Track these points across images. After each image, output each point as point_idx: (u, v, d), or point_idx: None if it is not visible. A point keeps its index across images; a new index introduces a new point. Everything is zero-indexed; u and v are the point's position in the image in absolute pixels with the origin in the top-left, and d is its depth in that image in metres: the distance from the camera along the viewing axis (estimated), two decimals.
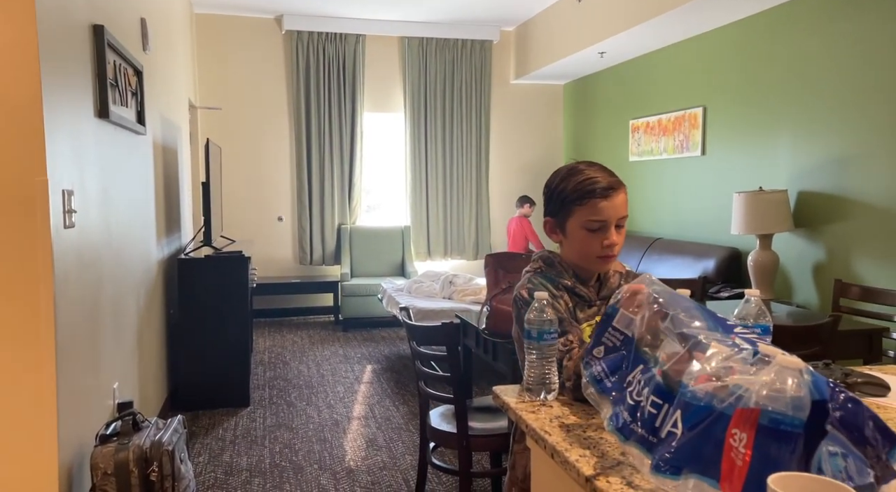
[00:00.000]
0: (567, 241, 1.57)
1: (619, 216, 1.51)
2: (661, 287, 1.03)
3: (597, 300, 1.58)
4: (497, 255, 2.61)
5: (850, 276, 3.76)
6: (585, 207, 1.50)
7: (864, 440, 0.74)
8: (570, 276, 1.57)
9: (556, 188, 1.56)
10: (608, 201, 1.49)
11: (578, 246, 1.54)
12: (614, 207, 1.49)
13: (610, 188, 1.50)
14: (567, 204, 1.52)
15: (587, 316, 1.55)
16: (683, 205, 5.30)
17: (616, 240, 1.52)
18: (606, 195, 1.49)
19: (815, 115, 4.00)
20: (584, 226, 1.51)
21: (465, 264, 7.20)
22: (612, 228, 1.51)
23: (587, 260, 1.55)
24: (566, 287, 1.55)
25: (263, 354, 5.43)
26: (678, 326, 0.94)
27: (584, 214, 1.50)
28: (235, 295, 4.02)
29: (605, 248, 1.51)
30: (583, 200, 1.50)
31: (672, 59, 5.41)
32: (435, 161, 6.97)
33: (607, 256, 1.53)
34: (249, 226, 6.73)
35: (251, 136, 6.69)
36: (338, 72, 6.68)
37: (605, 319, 1.10)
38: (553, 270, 1.59)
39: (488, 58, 7.02)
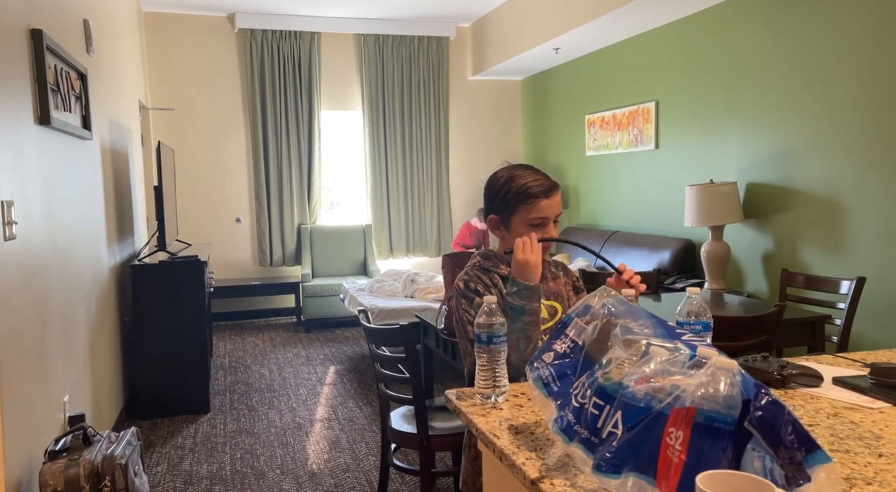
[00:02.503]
0: (510, 235, 1.69)
1: (557, 212, 1.67)
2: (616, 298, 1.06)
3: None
4: (454, 255, 2.62)
5: (796, 265, 3.88)
6: (529, 206, 1.63)
7: (778, 441, 0.77)
8: (505, 266, 1.70)
9: (500, 189, 1.69)
10: (549, 200, 1.64)
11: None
12: (554, 205, 1.65)
13: (551, 189, 1.65)
14: (512, 203, 1.65)
15: None
16: (639, 198, 5.40)
17: (554, 234, 1.67)
18: (548, 195, 1.64)
19: (762, 109, 4.10)
20: (527, 222, 1.64)
21: (428, 262, 7.20)
22: (550, 223, 1.66)
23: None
24: (504, 276, 1.69)
25: (224, 358, 5.35)
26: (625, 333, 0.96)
27: (529, 211, 1.63)
28: (192, 300, 3.95)
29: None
30: (527, 199, 1.63)
31: (625, 55, 5.49)
32: (395, 158, 6.95)
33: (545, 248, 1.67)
34: (207, 228, 6.62)
35: (206, 136, 6.56)
36: (293, 70, 6.60)
37: (560, 328, 1.11)
38: (490, 262, 1.72)
39: (445, 54, 7.02)
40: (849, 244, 3.54)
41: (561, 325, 1.12)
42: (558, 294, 1.74)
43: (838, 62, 3.57)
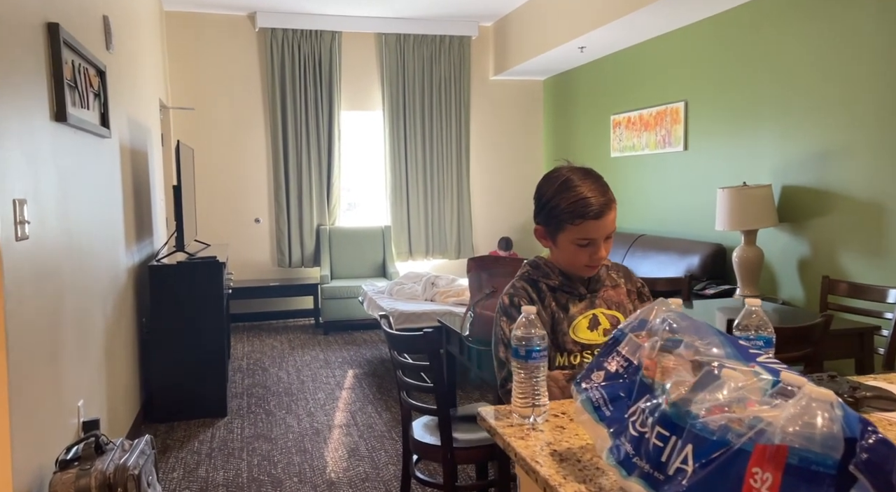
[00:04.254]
0: (557, 250, 1.59)
1: (609, 232, 1.54)
2: (676, 312, 0.94)
3: (587, 293, 1.60)
4: (479, 259, 2.51)
5: (835, 271, 3.71)
6: (578, 227, 1.51)
7: (889, 488, 0.65)
8: (556, 276, 1.59)
9: (548, 202, 1.56)
10: (600, 222, 1.50)
11: (567, 257, 1.57)
12: (604, 226, 1.52)
13: (603, 209, 1.50)
14: (560, 221, 1.53)
15: (580, 309, 1.58)
16: (666, 201, 5.25)
17: (604, 254, 1.54)
18: (599, 216, 1.50)
19: (798, 109, 3.95)
20: (574, 242, 1.53)
21: (447, 264, 7.10)
22: (599, 243, 1.53)
23: (575, 269, 1.59)
24: (553, 287, 1.58)
25: (242, 360, 5.28)
26: (691, 353, 0.84)
27: (576, 232, 1.51)
28: (210, 301, 3.89)
29: (593, 259, 1.54)
30: (575, 220, 1.51)
31: (653, 53, 5.34)
32: (415, 159, 6.85)
33: (594, 266, 1.56)
34: (226, 229, 6.57)
35: (226, 136, 6.52)
36: (314, 70, 6.54)
37: (611, 344, 1.00)
38: (539, 272, 1.61)
39: (467, 54, 6.92)
40: (893, 250, 3.38)
41: (613, 341, 1.01)
42: (619, 304, 1.62)
43: (878, 59, 3.41)
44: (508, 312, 1.54)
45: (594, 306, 1.58)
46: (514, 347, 1.20)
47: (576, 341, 1.54)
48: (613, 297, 1.61)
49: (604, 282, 1.61)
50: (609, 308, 1.59)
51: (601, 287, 1.60)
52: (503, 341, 1.52)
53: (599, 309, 1.58)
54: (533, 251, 7.30)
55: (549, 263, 1.60)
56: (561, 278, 1.58)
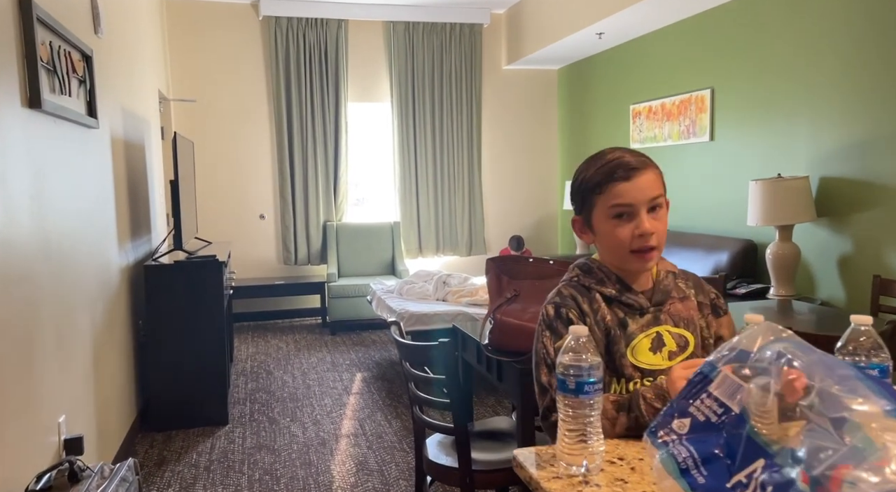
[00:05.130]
0: (598, 239, 1.32)
1: (649, 198, 1.25)
2: (793, 342, 0.69)
3: (650, 307, 1.31)
4: (499, 259, 2.26)
5: (881, 269, 3.44)
6: (606, 194, 1.26)
7: None
8: (613, 282, 1.31)
9: (577, 181, 1.32)
10: (630, 183, 1.24)
11: (608, 241, 1.29)
12: (639, 188, 1.24)
13: (632, 168, 1.24)
14: (589, 195, 1.29)
15: (640, 326, 1.30)
16: (691, 194, 4.97)
17: (650, 226, 1.24)
18: (628, 176, 1.24)
19: (838, 94, 3.67)
20: (609, 214, 1.26)
21: (458, 261, 6.85)
22: (642, 213, 1.24)
23: (622, 258, 1.29)
24: (609, 297, 1.30)
25: (245, 362, 5.06)
26: (830, 406, 0.59)
27: (608, 200, 1.25)
28: (209, 302, 3.66)
29: (637, 238, 1.24)
30: (602, 185, 1.26)
31: (676, 39, 5.06)
32: (424, 153, 6.60)
33: (643, 248, 1.25)
34: (229, 225, 6.35)
35: (229, 129, 6.29)
36: (319, 60, 6.29)
37: (698, 382, 0.75)
38: (591, 277, 1.33)
39: (478, 43, 6.65)
40: None
41: (700, 378, 0.76)
42: (689, 321, 1.33)
43: None
44: (553, 326, 1.28)
45: (658, 323, 1.30)
46: (560, 377, 0.96)
47: (635, 366, 1.27)
48: (682, 312, 1.33)
49: (670, 293, 1.33)
50: (676, 325, 1.31)
51: (667, 300, 1.33)
52: (546, 362, 1.27)
53: (665, 326, 1.30)
54: (547, 249, 7.03)
55: (602, 266, 1.33)
56: (618, 286, 1.31)
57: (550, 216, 7.08)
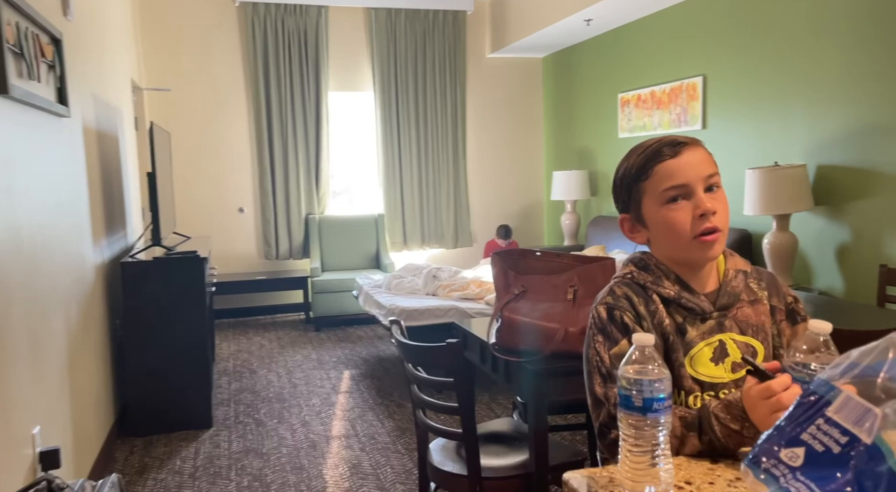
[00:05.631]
0: (653, 233, 1.18)
1: (705, 174, 1.11)
2: None
3: (713, 312, 1.16)
4: (505, 253, 2.14)
5: (882, 259, 3.39)
6: (654, 177, 1.13)
7: None
8: (672, 282, 1.16)
9: (619, 174, 1.19)
10: (679, 159, 1.11)
11: (665, 231, 1.14)
12: (690, 164, 1.11)
13: (678, 144, 1.12)
14: (634, 184, 1.16)
15: (701, 333, 1.16)
16: None
17: (711, 205, 1.10)
18: (676, 153, 1.11)
19: (835, 80, 3.60)
20: (662, 200, 1.12)
21: (445, 254, 6.73)
22: (699, 191, 1.11)
23: (684, 247, 1.14)
24: (667, 299, 1.15)
25: (227, 361, 4.89)
26: None
27: (658, 183, 1.12)
28: (191, 300, 3.49)
29: (699, 219, 1.11)
30: (648, 169, 1.13)
31: (666, 25, 4.97)
32: (408, 143, 6.45)
33: (706, 231, 1.11)
34: (207, 219, 6.14)
35: (205, 120, 6.07)
36: (299, 47, 6.09)
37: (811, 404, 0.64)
38: (649, 274, 1.18)
39: (462, 30, 6.50)
40: None
41: (813, 397, 0.65)
42: (759, 327, 1.18)
43: None
44: (606, 330, 1.14)
45: (722, 330, 1.16)
46: (622, 393, 0.84)
47: (695, 378, 1.14)
48: (751, 317, 1.18)
49: (739, 295, 1.18)
50: (743, 333, 1.16)
51: (735, 303, 1.17)
52: (600, 371, 1.13)
53: (729, 334, 1.16)
54: (533, 240, 6.94)
55: (660, 263, 1.18)
56: (678, 287, 1.16)
57: (536, 206, 6.99)
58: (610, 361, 1.12)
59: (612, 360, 1.12)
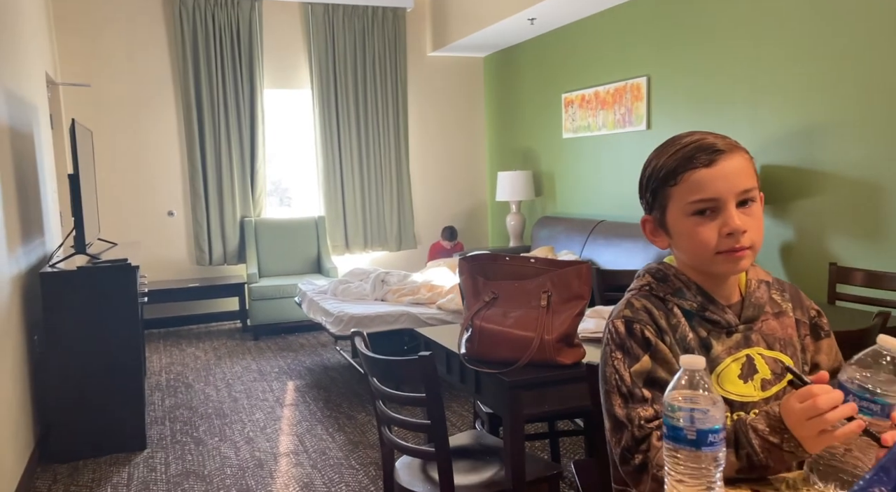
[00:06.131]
0: (676, 242, 1.08)
1: (740, 189, 1.01)
2: None
3: (738, 325, 1.08)
4: (474, 258, 2.02)
5: (827, 256, 3.47)
6: (683, 184, 1.02)
7: None
8: (694, 293, 1.07)
9: (647, 172, 1.09)
10: (713, 169, 1.01)
11: (688, 243, 1.05)
12: (725, 176, 1.01)
13: (715, 151, 1.01)
14: (661, 187, 1.06)
15: (727, 348, 1.07)
16: (628, 184, 4.92)
17: (740, 223, 1.00)
18: (711, 160, 1.01)
19: (778, 81, 3.67)
20: (689, 211, 1.03)
21: (389, 257, 6.56)
22: (730, 207, 1.01)
23: (705, 261, 1.05)
24: (689, 311, 1.07)
25: (160, 375, 4.58)
26: None
27: (687, 193, 1.02)
28: (121, 312, 3.21)
29: (725, 238, 1.01)
30: (677, 174, 1.03)
31: (612, 24, 4.98)
32: (349, 142, 6.25)
33: (733, 249, 1.02)
34: (134, 224, 5.77)
35: (130, 117, 5.70)
36: (231, 42, 5.80)
37: None
38: (667, 286, 1.09)
39: (402, 28, 6.36)
40: (892, 234, 3.14)
41: None
42: (786, 341, 1.11)
43: (862, 28, 3.15)
44: (626, 346, 1.05)
45: (749, 344, 1.08)
46: (669, 423, 0.73)
47: (723, 397, 1.05)
48: (777, 331, 1.11)
49: (764, 307, 1.11)
50: (770, 347, 1.09)
51: (760, 315, 1.10)
52: (620, 391, 1.03)
53: (756, 348, 1.08)
54: (478, 242, 6.87)
55: (680, 273, 1.10)
56: (700, 298, 1.08)
57: (480, 207, 6.92)
58: (631, 379, 1.03)
59: (634, 378, 1.02)
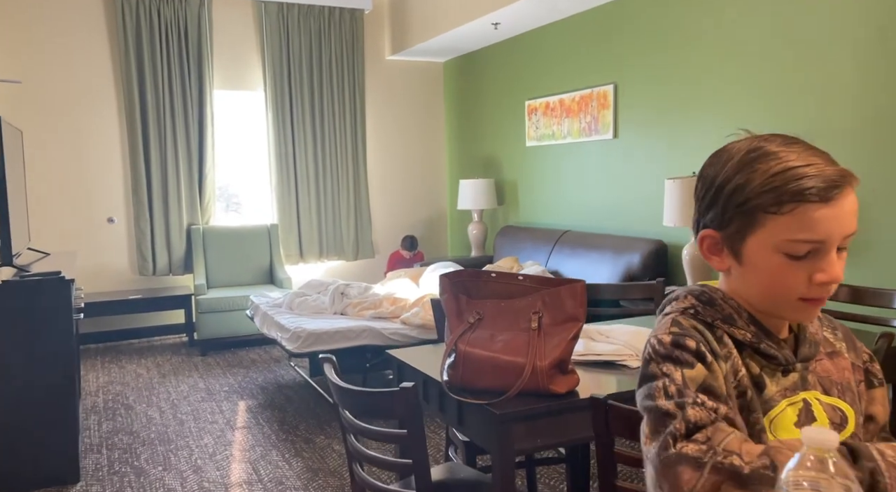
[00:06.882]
0: (745, 270, 0.91)
1: (848, 232, 0.86)
2: None
3: (796, 363, 0.93)
4: (456, 274, 1.84)
5: None
6: (789, 217, 0.84)
7: None
8: (745, 321, 0.91)
9: (725, 184, 0.89)
10: (830, 208, 0.84)
11: (767, 281, 0.88)
12: (839, 217, 0.84)
13: (835, 185, 0.84)
14: (752, 210, 0.87)
15: (783, 389, 0.92)
16: (593, 194, 4.83)
17: (839, 273, 0.85)
18: (829, 197, 0.83)
19: (746, 91, 3.62)
20: (783, 249, 0.86)
21: (345, 266, 6.31)
22: (833, 252, 0.85)
23: (779, 304, 0.90)
24: (740, 342, 0.91)
25: (96, 395, 4.22)
26: None
27: (788, 228, 0.85)
28: (53, 330, 2.90)
29: (817, 286, 0.86)
30: (784, 204, 0.84)
31: (578, 31, 4.89)
32: (304, 147, 5.99)
33: (818, 298, 0.87)
34: (70, 232, 5.36)
35: (66, 117, 5.30)
36: (178, 41, 5.48)
37: None
38: (715, 311, 0.93)
39: (360, 30, 6.15)
40: (874, 247, 3.11)
41: None
42: (844, 386, 0.96)
43: (841, 33, 3.12)
44: (674, 355, 0.88)
45: (806, 386, 0.93)
46: None
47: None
48: (832, 372, 0.96)
49: (819, 345, 0.96)
50: (827, 392, 0.94)
51: (816, 354, 0.95)
52: (667, 391, 0.85)
53: (813, 392, 0.93)
54: (439, 251, 6.69)
55: (729, 298, 0.93)
56: (755, 328, 0.92)
57: (440, 216, 6.74)
58: (683, 380, 0.85)
59: (687, 383, 0.85)
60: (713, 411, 0.82)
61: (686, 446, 0.79)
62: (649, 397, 0.86)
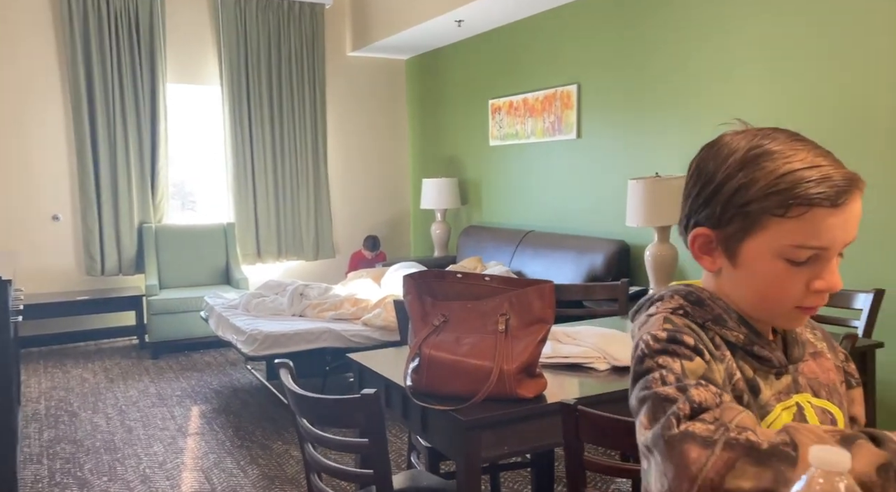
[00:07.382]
0: (738, 273, 0.86)
1: (850, 240, 0.82)
2: None
3: (788, 365, 0.89)
4: (421, 275, 1.76)
5: None
6: (795, 221, 0.80)
7: None
8: (736, 323, 0.87)
9: (725, 182, 0.84)
10: (838, 213, 0.79)
11: (763, 286, 0.84)
12: (843, 224, 0.80)
13: (842, 190, 0.79)
14: (755, 212, 0.82)
15: (776, 393, 0.87)
16: (557, 193, 4.80)
17: (837, 281, 0.81)
18: (836, 203, 0.79)
19: (714, 90, 3.64)
20: (784, 254, 0.81)
21: (305, 266, 6.16)
22: (833, 260, 0.82)
23: (772, 311, 0.85)
24: (733, 344, 0.87)
25: (38, 402, 4.01)
26: None
27: (792, 232, 0.80)
28: None
29: (814, 294, 0.82)
30: (789, 206, 0.80)
31: (541, 30, 4.86)
32: (262, 144, 5.82)
33: (812, 307, 0.84)
34: (10, 230, 5.10)
35: (7, 109, 5.05)
36: (129, 31, 5.27)
37: None
38: (705, 311, 0.88)
39: (320, 25, 6.02)
40: None
41: None
42: (831, 388, 0.93)
43: (818, 29, 3.15)
44: (669, 349, 0.82)
45: (798, 389, 0.89)
46: None
47: None
48: (818, 374, 0.92)
49: (804, 345, 0.93)
50: (818, 395, 0.91)
51: (803, 355, 0.92)
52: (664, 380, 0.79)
53: (805, 395, 0.89)
54: (401, 251, 6.59)
55: (718, 299, 0.88)
56: (745, 330, 0.87)
57: (403, 215, 6.65)
58: (682, 370, 0.79)
59: (686, 372, 0.79)
60: (718, 396, 0.77)
61: (692, 425, 0.73)
62: (645, 388, 0.80)
